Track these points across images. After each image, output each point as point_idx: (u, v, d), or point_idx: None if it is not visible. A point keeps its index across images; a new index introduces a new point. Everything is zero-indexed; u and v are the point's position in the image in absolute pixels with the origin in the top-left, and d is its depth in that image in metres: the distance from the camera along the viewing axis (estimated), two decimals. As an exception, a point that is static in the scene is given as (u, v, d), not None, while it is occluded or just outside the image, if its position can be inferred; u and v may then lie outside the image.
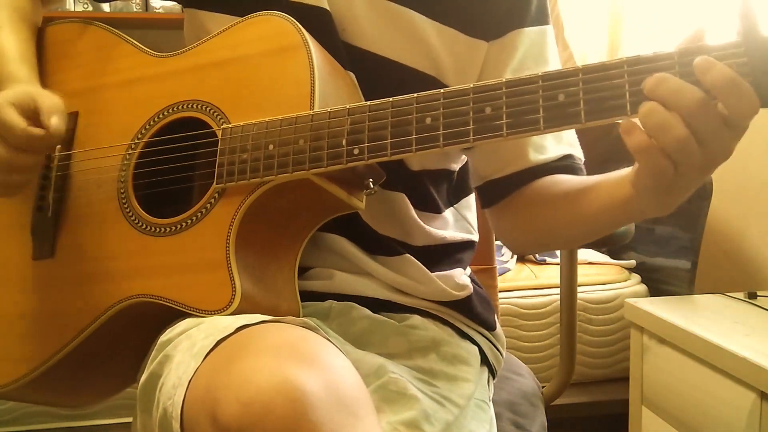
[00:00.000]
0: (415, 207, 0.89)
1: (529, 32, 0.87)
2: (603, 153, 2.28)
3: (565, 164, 0.87)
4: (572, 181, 0.84)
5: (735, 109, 0.57)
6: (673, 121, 0.58)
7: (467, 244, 0.98)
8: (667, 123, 0.58)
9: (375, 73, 0.83)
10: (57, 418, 1.86)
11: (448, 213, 0.96)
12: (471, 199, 1.01)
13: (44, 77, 0.89)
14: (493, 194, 0.91)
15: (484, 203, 0.94)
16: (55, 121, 0.77)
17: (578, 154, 0.89)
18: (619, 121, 0.60)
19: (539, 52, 0.88)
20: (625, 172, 0.70)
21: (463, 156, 0.95)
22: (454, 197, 0.98)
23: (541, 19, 0.89)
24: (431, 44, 0.85)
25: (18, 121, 0.75)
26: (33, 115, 0.78)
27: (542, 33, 0.89)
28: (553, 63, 0.89)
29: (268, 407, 0.52)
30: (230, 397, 0.53)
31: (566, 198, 0.82)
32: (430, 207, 0.92)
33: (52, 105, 0.78)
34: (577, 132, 0.89)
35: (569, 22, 2.36)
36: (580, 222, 0.81)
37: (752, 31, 0.56)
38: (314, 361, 0.57)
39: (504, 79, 0.64)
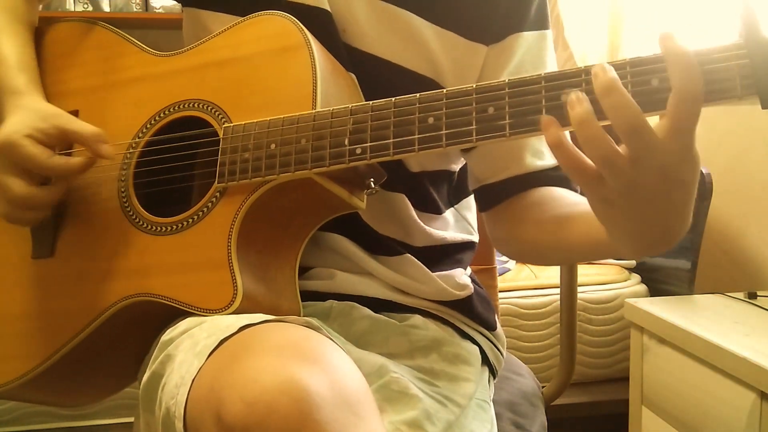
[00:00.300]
0: (415, 208, 0.89)
1: (528, 36, 0.87)
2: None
3: (560, 175, 0.87)
4: (562, 205, 0.83)
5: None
6: (604, 134, 0.57)
7: (467, 245, 0.98)
8: (599, 135, 0.56)
9: (374, 75, 0.83)
10: (57, 418, 1.86)
11: (449, 213, 0.96)
12: (471, 200, 1.01)
13: (44, 76, 0.89)
14: (488, 198, 0.91)
15: (480, 207, 0.94)
16: (106, 150, 0.78)
17: None
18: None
19: (537, 56, 0.88)
20: None
21: (462, 158, 0.95)
22: (455, 198, 0.98)
23: (541, 23, 0.89)
24: (430, 47, 0.85)
25: (38, 151, 0.76)
26: (57, 142, 0.79)
27: (541, 37, 0.89)
28: (551, 68, 0.89)
29: (273, 407, 0.52)
30: (234, 397, 0.53)
31: (553, 223, 0.82)
32: (430, 208, 0.92)
33: (92, 130, 0.78)
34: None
35: (569, 22, 2.36)
36: (564, 249, 0.81)
37: (754, 31, 0.56)
38: (318, 361, 0.57)
39: (507, 80, 0.64)
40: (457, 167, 0.96)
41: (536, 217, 0.84)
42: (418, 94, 0.68)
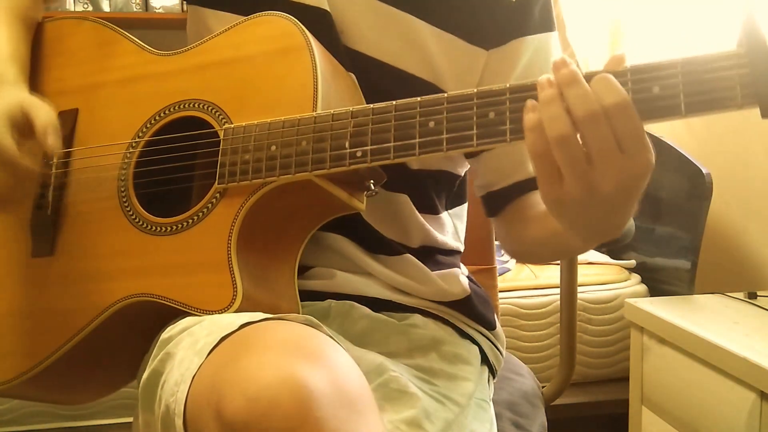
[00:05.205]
0: (417, 208, 0.89)
1: (533, 40, 0.87)
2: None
3: None
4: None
5: (624, 130, 0.57)
6: (565, 118, 0.58)
7: (455, 252, 0.98)
8: (558, 116, 0.58)
9: (373, 78, 0.83)
10: (57, 418, 1.85)
11: (445, 216, 0.96)
12: (464, 209, 1.01)
13: (43, 73, 0.89)
14: (496, 204, 0.93)
15: (487, 212, 0.95)
16: (52, 141, 0.74)
17: None
18: None
19: (545, 59, 0.87)
20: None
21: (467, 162, 0.96)
22: (450, 203, 0.98)
23: (546, 25, 0.89)
24: (430, 50, 0.85)
25: (10, 145, 0.74)
26: (25, 128, 0.76)
27: (546, 40, 0.88)
28: None
29: (274, 402, 0.52)
30: (235, 393, 0.53)
31: (534, 220, 0.85)
32: (430, 208, 0.92)
33: (47, 121, 0.75)
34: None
35: (570, 21, 2.36)
36: (542, 244, 0.86)
37: (755, 40, 0.56)
38: (319, 358, 0.57)
39: (508, 85, 0.64)
40: (461, 170, 0.96)
41: (526, 217, 0.87)
42: (419, 98, 0.68)
